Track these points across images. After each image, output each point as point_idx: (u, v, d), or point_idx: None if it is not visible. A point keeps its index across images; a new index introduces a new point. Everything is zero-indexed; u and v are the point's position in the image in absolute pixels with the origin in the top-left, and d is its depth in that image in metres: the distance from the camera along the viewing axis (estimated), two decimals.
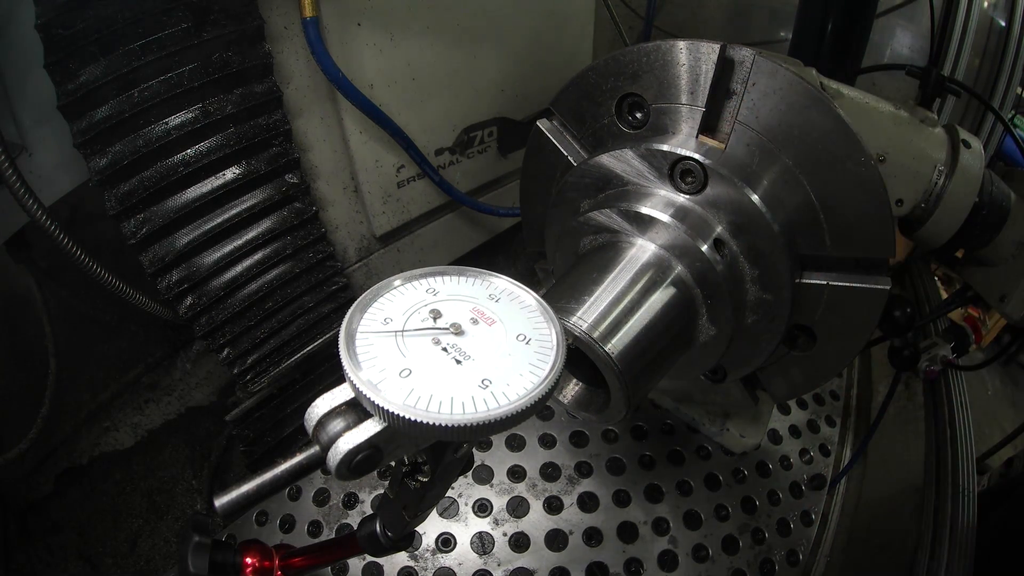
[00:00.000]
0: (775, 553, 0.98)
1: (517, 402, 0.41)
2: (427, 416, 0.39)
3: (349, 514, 0.98)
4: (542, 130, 0.83)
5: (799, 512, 1.04)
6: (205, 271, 0.94)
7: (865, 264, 0.67)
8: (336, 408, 0.43)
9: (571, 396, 0.67)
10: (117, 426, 1.25)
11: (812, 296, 0.69)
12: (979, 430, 1.21)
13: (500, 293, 0.51)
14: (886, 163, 0.79)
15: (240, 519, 0.99)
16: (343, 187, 1.14)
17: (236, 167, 0.93)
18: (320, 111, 1.04)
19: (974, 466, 1.13)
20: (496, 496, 0.99)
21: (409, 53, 1.10)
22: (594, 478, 1.02)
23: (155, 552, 1.21)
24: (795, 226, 0.67)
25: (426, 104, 1.17)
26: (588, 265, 0.68)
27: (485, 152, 1.36)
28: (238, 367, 1.02)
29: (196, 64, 0.85)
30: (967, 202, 0.80)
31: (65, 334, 1.10)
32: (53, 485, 1.17)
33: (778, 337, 0.71)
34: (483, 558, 0.92)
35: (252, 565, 0.61)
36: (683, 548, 0.96)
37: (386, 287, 0.49)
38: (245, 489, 0.43)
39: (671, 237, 0.65)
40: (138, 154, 0.83)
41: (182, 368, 1.33)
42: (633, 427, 1.10)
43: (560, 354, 0.46)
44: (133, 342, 1.25)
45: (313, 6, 0.90)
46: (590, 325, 0.59)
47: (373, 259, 1.25)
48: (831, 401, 1.26)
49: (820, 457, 1.15)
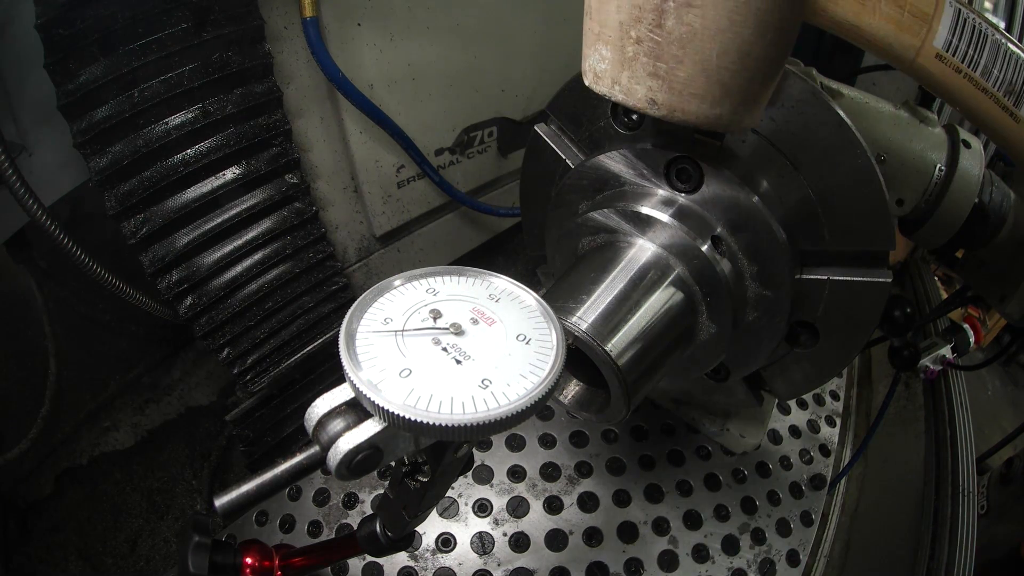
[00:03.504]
0: (775, 553, 0.98)
1: (517, 402, 0.41)
2: (427, 416, 0.39)
3: (349, 514, 0.98)
4: (539, 134, 0.83)
5: (799, 512, 1.04)
6: (205, 271, 0.94)
7: (865, 258, 0.67)
8: (336, 408, 0.43)
9: (571, 396, 0.67)
10: (117, 426, 1.25)
11: (813, 292, 0.69)
12: (979, 430, 1.21)
13: (500, 293, 0.51)
14: (886, 163, 0.79)
15: (240, 519, 0.99)
16: (343, 187, 1.14)
17: (236, 167, 0.93)
18: (320, 111, 1.04)
19: (974, 466, 1.13)
20: (496, 496, 0.99)
21: (409, 53, 1.10)
22: (594, 478, 1.02)
23: (155, 552, 1.20)
24: (794, 222, 0.67)
25: (426, 104, 1.17)
26: (587, 265, 0.68)
27: (485, 152, 1.36)
28: (238, 367, 1.02)
29: (196, 64, 0.85)
30: (967, 202, 0.79)
31: (65, 334, 1.10)
32: (53, 485, 1.17)
33: (780, 334, 0.71)
34: (483, 558, 0.92)
35: (252, 565, 0.61)
36: (683, 548, 0.96)
37: (386, 287, 0.49)
38: (245, 489, 0.43)
39: (669, 236, 0.65)
40: (138, 154, 0.83)
41: (182, 368, 1.33)
42: (633, 427, 1.10)
43: (560, 354, 0.46)
44: (133, 342, 1.25)
45: (313, 6, 0.90)
46: (590, 325, 0.59)
47: (373, 259, 1.25)
48: (831, 401, 1.27)
49: (820, 457, 1.15)
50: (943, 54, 0.44)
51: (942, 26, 0.43)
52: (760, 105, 0.54)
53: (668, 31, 0.47)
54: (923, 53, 0.44)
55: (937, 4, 0.44)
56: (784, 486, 1.07)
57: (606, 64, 0.53)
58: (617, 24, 0.49)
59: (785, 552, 0.99)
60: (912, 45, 0.44)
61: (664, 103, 0.51)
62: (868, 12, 0.44)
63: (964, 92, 0.45)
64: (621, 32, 0.49)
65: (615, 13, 0.49)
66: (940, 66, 0.44)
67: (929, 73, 0.45)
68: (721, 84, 0.49)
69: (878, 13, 0.44)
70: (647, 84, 0.51)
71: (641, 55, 0.49)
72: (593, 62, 0.54)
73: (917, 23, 0.44)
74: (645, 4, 0.47)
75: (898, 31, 0.44)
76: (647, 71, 0.50)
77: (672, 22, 0.46)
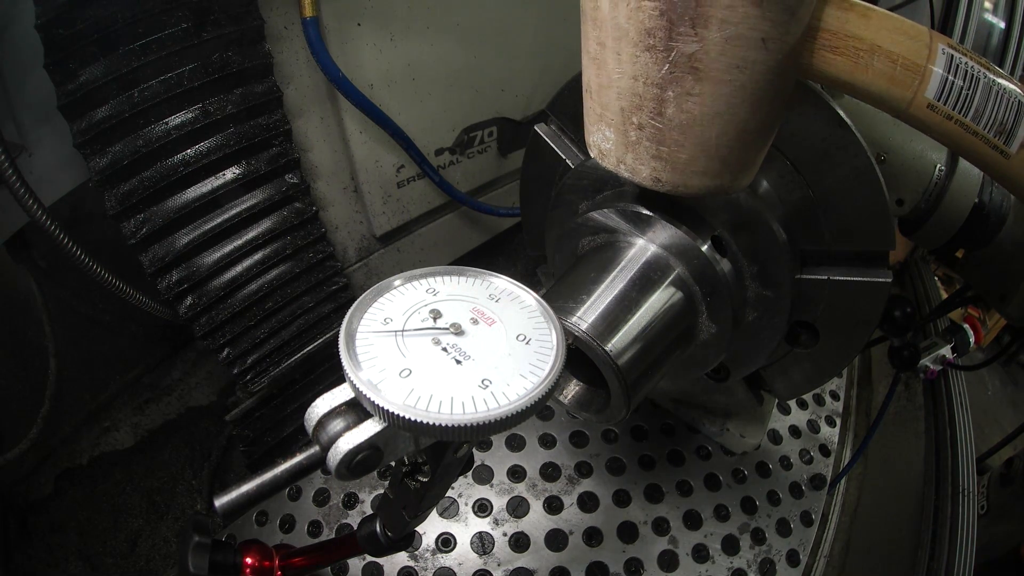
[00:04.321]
0: (775, 553, 0.98)
1: (517, 402, 0.41)
2: (427, 416, 0.39)
3: (349, 514, 0.98)
4: (540, 134, 0.83)
5: (799, 512, 1.04)
6: (205, 271, 0.94)
7: (865, 258, 0.67)
8: (336, 408, 0.43)
9: (571, 396, 0.67)
10: (117, 426, 1.25)
11: (813, 292, 0.69)
12: (979, 430, 1.22)
13: (500, 293, 0.51)
14: (886, 163, 0.79)
15: (240, 519, 0.99)
16: (343, 187, 1.14)
17: (236, 167, 0.93)
18: (320, 111, 1.04)
19: (974, 466, 1.13)
20: (496, 496, 0.99)
21: (409, 53, 1.10)
22: (594, 478, 1.02)
23: (155, 552, 1.20)
24: (794, 222, 0.67)
25: (426, 104, 1.17)
26: (587, 265, 0.68)
27: (485, 152, 1.36)
28: (238, 367, 1.02)
29: (196, 64, 0.85)
30: (967, 202, 0.80)
31: (65, 334, 1.10)
32: (53, 485, 1.17)
33: (780, 334, 0.71)
34: (483, 558, 0.92)
35: (252, 565, 0.61)
36: (683, 548, 0.96)
37: (386, 287, 0.49)
38: (245, 489, 0.43)
39: (669, 236, 0.65)
40: (138, 154, 0.83)
41: (182, 368, 1.32)
42: (633, 427, 1.10)
43: (560, 354, 0.46)
44: (133, 342, 1.25)
45: (313, 6, 0.90)
46: (590, 325, 0.59)
47: (373, 259, 1.25)
48: (831, 401, 1.27)
49: (820, 457, 1.15)
50: (934, 103, 0.45)
51: (934, 77, 0.45)
52: (757, 165, 0.57)
53: (669, 118, 0.48)
54: (915, 104, 0.46)
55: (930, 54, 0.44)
56: (784, 486, 1.07)
57: (610, 144, 0.55)
58: (619, 109, 0.51)
59: (785, 552, 0.99)
60: (904, 98, 0.46)
61: (668, 181, 0.53)
62: (862, 70, 0.46)
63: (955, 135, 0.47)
64: (623, 117, 0.51)
65: (616, 99, 0.50)
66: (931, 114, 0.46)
67: (920, 121, 0.47)
68: (720, 159, 0.51)
69: (871, 71, 0.45)
70: (651, 165, 0.53)
71: (644, 140, 0.51)
72: (597, 140, 0.56)
73: (910, 76, 0.45)
74: (645, 93, 0.48)
75: (890, 85, 0.45)
76: (650, 154, 0.52)
77: (672, 110, 0.48)
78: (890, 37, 0.45)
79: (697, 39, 0.43)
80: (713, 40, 0.43)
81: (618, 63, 0.48)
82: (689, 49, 0.44)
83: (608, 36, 0.48)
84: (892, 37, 0.45)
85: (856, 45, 0.45)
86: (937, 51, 0.44)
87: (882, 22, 0.45)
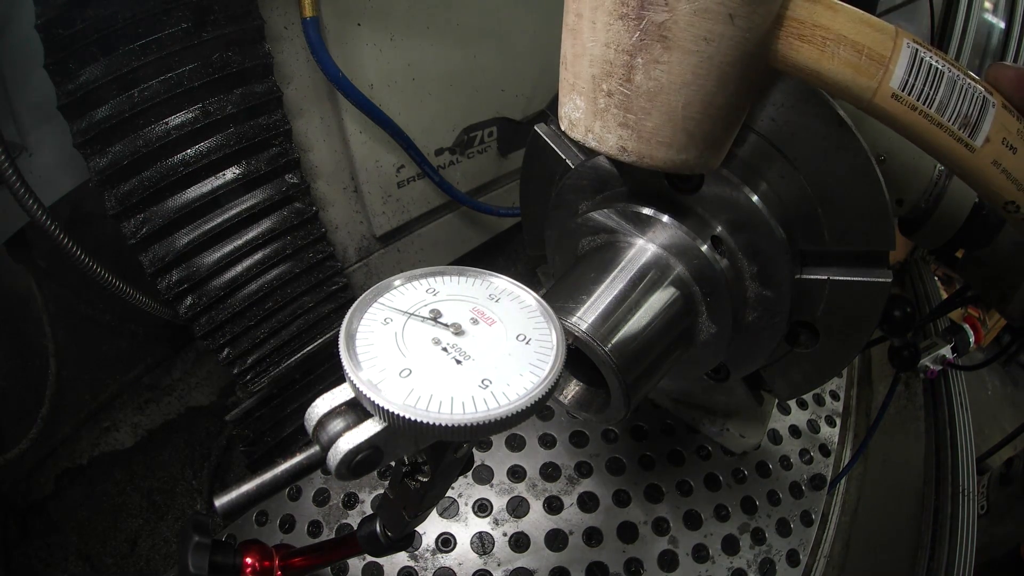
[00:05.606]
0: (775, 553, 0.98)
1: (517, 402, 0.41)
2: (427, 416, 0.39)
3: (349, 514, 0.98)
4: (539, 134, 0.83)
5: (799, 512, 1.04)
6: (205, 271, 0.94)
7: (865, 258, 0.67)
8: (336, 408, 0.43)
9: (571, 396, 0.67)
10: (117, 426, 1.25)
11: (813, 292, 0.69)
12: (979, 430, 1.22)
13: (500, 293, 0.51)
14: (886, 163, 0.79)
15: (240, 519, 0.99)
16: (343, 187, 1.14)
17: (236, 167, 0.93)
18: (320, 111, 1.04)
19: (974, 466, 1.13)
20: (496, 496, 0.99)
21: (409, 53, 1.10)
22: (594, 478, 1.02)
23: (155, 552, 1.21)
24: (794, 222, 0.67)
25: (426, 104, 1.17)
26: (587, 265, 0.68)
27: (485, 152, 1.36)
28: (238, 367, 1.02)
29: (196, 64, 0.85)
30: (967, 202, 0.79)
31: (65, 334, 1.10)
32: (53, 485, 1.17)
33: (780, 334, 0.71)
34: (483, 558, 0.92)
35: (252, 565, 0.61)
36: (683, 548, 0.96)
37: (386, 287, 0.49)
38: (245, 489, 0.43)
39: (669, 236, 0.65)
40: (138, 154, 0.83)
41: (182, 368, 1.33)
42: (633, 427, 1.10)
43: (560, 354, 0.46)
44: (133, 342, 1.25)
45: (313, 6, 0.90)
46: (590, 325, 0.59)
47: (373, 259, 1.25)
48: (831, 401, 1.26)
49: (820, 457, 1.15)
50: (899, 93, 0.46)
51: (899, 66, 0.46)
52: (725, 147, 0.58)
53: (637, 85, 0.50)
54: (879, 94, 0.46)
55: (895, 47, 0.45)
56: (784, 486, 1.07)
57: (580, 113, 0.56)
58: (590, 77, 0.52)
59: (785, 552, 0.99)
60: (869, 87, 0.46)
61: (634, 150, 0.54)
62: (828, 58, 0.47)
63: (919, 127, 0.47)
64: (594, 84, 0.52)
65: (588, 67, 0.52)
66: (895, 104, 0.47)
67: (885, 112, 0.48)
68: (686, 132, 0.52)
69: (837, 59, 0.47)
70: (618, 133, 0.54)
71: (612, 107, 0.52)
72: (568, 110, 0.57)
73: (874, 65, 0.46)
74: (615, 60, 0.50)
75: (855, 75, 0.47)
76: (617, 121, 0.53)
77: (640, 77, 0.49)
78: (856, 28, 0.46)
79: (667, 9, 0.45)
80: (682, 11, 0.45)
81: (592, 31, 0.50)
82: (659, 18, 0.46)
83: (586, 7, 0.50)
84: (858, 28, 0.46)
85: (823, 35, 0.47)
86: (902, 44, 0.46)
87: (849, 15, 0.46)
